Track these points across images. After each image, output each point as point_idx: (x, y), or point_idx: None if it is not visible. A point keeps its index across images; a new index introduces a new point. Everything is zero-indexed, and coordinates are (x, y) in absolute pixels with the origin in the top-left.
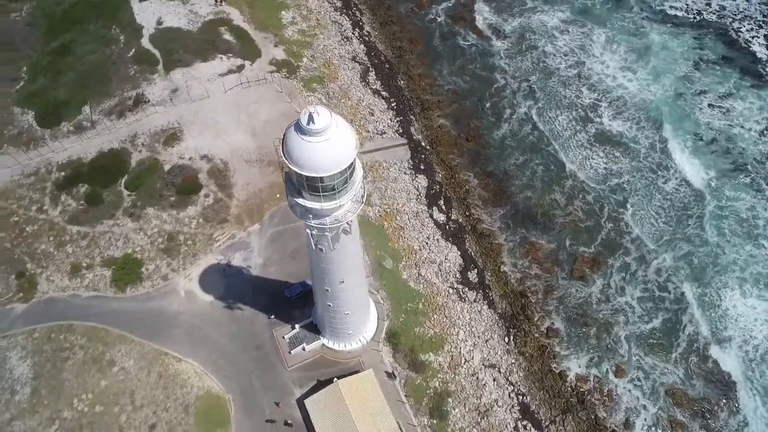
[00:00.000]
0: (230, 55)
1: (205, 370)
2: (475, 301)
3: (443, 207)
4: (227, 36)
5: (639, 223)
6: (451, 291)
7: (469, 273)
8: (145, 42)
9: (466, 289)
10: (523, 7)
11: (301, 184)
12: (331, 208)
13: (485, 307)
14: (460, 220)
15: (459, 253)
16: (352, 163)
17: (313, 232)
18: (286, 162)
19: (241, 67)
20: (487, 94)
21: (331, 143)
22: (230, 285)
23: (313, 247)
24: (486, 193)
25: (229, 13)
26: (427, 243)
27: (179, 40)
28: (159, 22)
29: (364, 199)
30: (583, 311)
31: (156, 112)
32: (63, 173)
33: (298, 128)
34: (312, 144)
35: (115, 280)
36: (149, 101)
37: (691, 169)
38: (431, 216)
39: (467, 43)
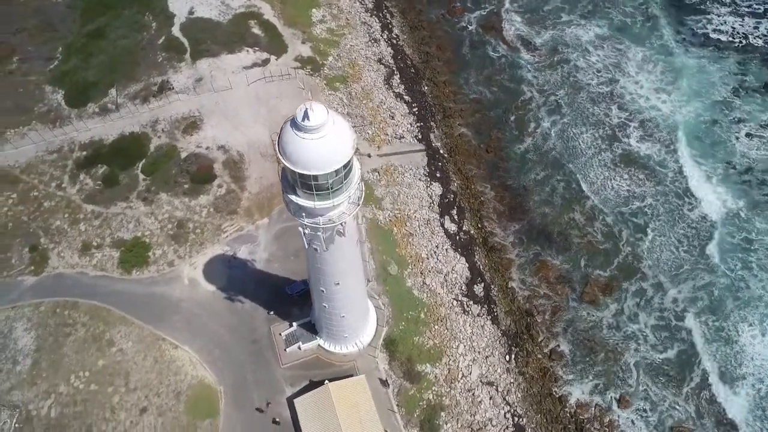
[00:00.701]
0: (257, 48)
1: (200, 359)
2: (478, 315)
3: (455, 217)
4: (256, 29)
5: (659, 249)
6: (455, 303)
7: (475, 286)
8: (176, 30)
9: (471, 302)
10: (557, 20)
11: (295, 181)
12: (324, 208)
13: (488, 322)
14: (472, 232)
15: (467, 265)
16: (348, 163)
17: (306, 231)
18: (280, 157)
19: (266, 61)
20: (513, 107)
21: (326, 141)
22: (233, 277)
23: (306, 246)
24: (501, 206)
25: (260, 7)
26: (435, 252)
27: (209, 30)
28: (191, 12)
29: (361, 201)
30: (591, 336)
31: (179, 100)
32: (84, 153)
33: (294, 124)
34: (306, 141)
35: (123, 261)
36: (173, 88)
37: (720, 198)
38: (442, 225)
39: (496, 53)
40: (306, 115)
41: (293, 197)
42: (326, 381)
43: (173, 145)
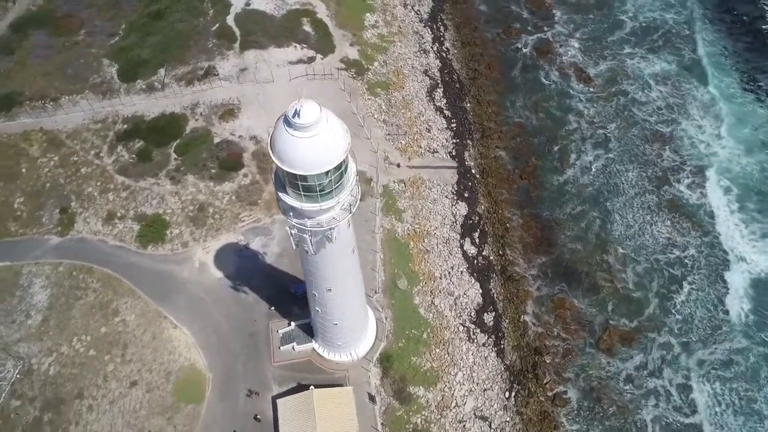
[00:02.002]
0: (305, 45)
1: (196, 343)
2: (483, 345)
3: (477, 240)
4: (307, 27)
5: (693, 305)
6: (461, 328)
7: (485, 314)
8: (230, 19)
9: (478, 330)
10: (619, 52)
11: (284, 179)
12: (312, 210)
13: (493, 354)
14: (491, 258)
15: (480, 291)
16: (339, 167)
17: (293, 231)
18: (270, 152)
19: (311, 59)
20: (556, 135)
21: (316, 141)
22: (242, 267)
23: (293, 247)
24: (527, 236)
25: (315, 6)
26: (449, 273)
27: (261, 22)
28: (247, 3)
29: (353, 209)
30: (604, 385)
31: (221, 86)
32: (125, 126)
33: (285, 120)
34: (295, 139)
35: (141, 235)
36: (218, 75)
37: None
38: (461, 246)
39: (548, 79)
40: (297, 112)
41: (281, 194)
42: (311, 386)
43: (208, 129)
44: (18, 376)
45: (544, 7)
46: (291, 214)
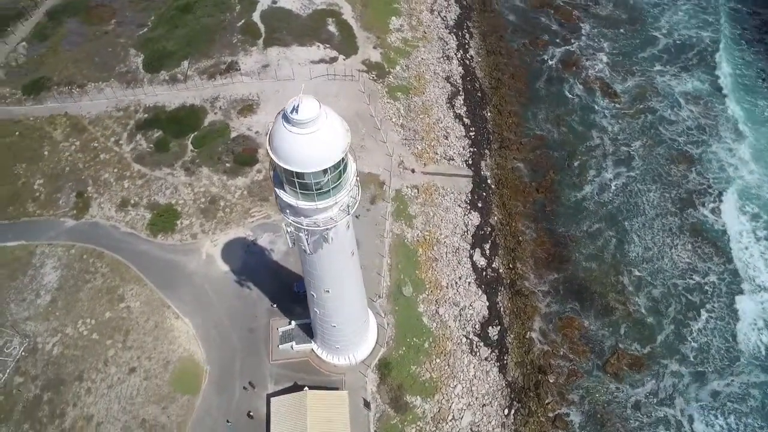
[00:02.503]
0: (328, 45)
1: (196, 335)
2: (486, 359)
3: (487, 252)
4: (331, 27)
5: (711, 334)
6: (464, 340)
7: (490, 328)
8: (256, 16)
9: (482, 343)
10: (649, 68)
11: (282, 175)
12: (308, 209)
13: (495, 369)
14: (501, 271)
15: (487, 303)
16: (338, 166)
17: (289, 229)
18: (268, 147)
19: (333, 59)
20: (577, 150)
21: (313, 138)
22: (248, 262)
23: (290, 245)
24: (540, 251)
25: (341, 7)
26: (456, 283)
27: (286, 20)
28: (274, 1)
29: (352, 211)
30: (609, 410)
31: (242, 82)
32: (146, 115)
33: (284, 115)
34: (293, 135)
35: (152, 224)
36: (240, 70)
37: None
38: (471, 257)
39: (572, 93)
40: (295, 108)
41: (279, 191)
42: (306, 387)
43: (226, 123)
44: (23, 353)
45: (574, 19)
46: (288, 211)
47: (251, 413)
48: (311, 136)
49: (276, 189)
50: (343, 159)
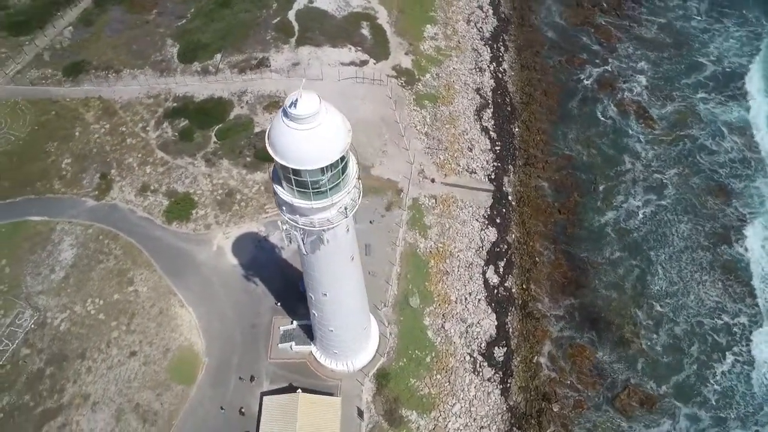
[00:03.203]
0: (359, 48)
1: (199, 326)
2: (489, 380)
3: (501, 270)
4: (365, 30)
5: (737, 379)
6: (468, 358)
7: (496, 348)
8: (291, 14)
9: (486, 363)
10: (691, 95)
11: (280, 171)
12: (304, 208)
13: (497, 391)
14: (514, 291)
15: (495, 323)
16: (336, 165)
17: (284, 227)
18: (266, 141)
19: (364, 63)
20: (605, 174)
21: (312, 135)
22: (258, 258)
23: (287, 243)
24: (557, 274)
25: (377, 11)
26: (466, 298)
27: (321, 20)
28: (310, 0)
29: (350, 214)
30: None
31: (270, 78)
32: (175, 104)
33: (284, 110)
34: (290, 130)
35: (168, 211)
36: (270, 66)
37: None
38: (484, 273)
39: (606, 115)
40: (294, 102)
41: (276, 187)
42: (299, 390)
43: (251, 118)
44: (33, 326)
45: (614, 40)
46: (284, 208)
47: (243, 410)
48: (309, 132)
49: (274, 185)
50: (343, 158)
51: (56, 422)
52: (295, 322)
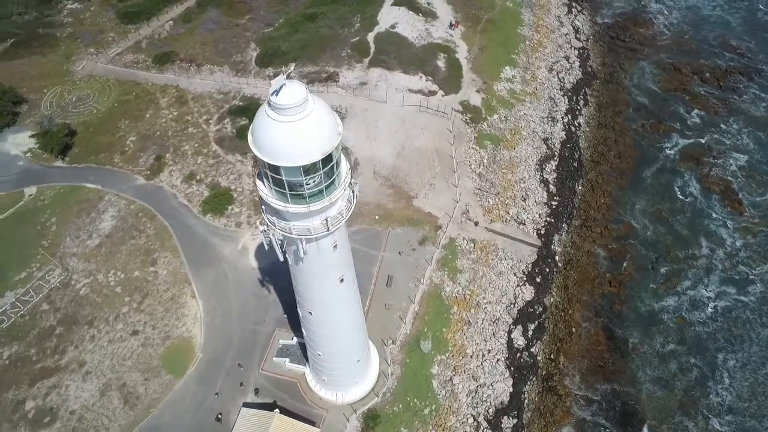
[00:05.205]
0: (430, 79)
1: (203, 319)
2: None
3: (530, 333)
4: (440, 62)
5: None
6: (471, 420)
7: (505, 417)
8: (370, 36)
9: (490, 431)
10: None
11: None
12: (282, 210)
13: None
14: (539, 358)
15: (511, 390)
16: (316, 168)
17: (262, 227)
18: (250, 130)
19: (431, 93)
20: (673, 255)
21: (291, 128)
22: (278, 265)
23: (266, 247)
24: (593, 350)
25: (457, 46)
26: (483, 355)
27: (398, 46)
28: (392, 26)
29: (333, 229)
30: None
31: (336, 93)
32: (240, 103)
33: (269, 99)
34: (270, 120)
35: (205, 202)
36: (338, 81)
37: None
38: (509, 333)
39: (685, 190)
40: (277, 91)
41: (258, 182)
42: (276, 410)
43: None
44: (58, 285)
45: (713, 111)
46: (264, 208)
47: (220, 416)
48: (289, 126)
49: (257, 179)
50: (328, 161)
51: (49, 381)
52: (295, 339)
